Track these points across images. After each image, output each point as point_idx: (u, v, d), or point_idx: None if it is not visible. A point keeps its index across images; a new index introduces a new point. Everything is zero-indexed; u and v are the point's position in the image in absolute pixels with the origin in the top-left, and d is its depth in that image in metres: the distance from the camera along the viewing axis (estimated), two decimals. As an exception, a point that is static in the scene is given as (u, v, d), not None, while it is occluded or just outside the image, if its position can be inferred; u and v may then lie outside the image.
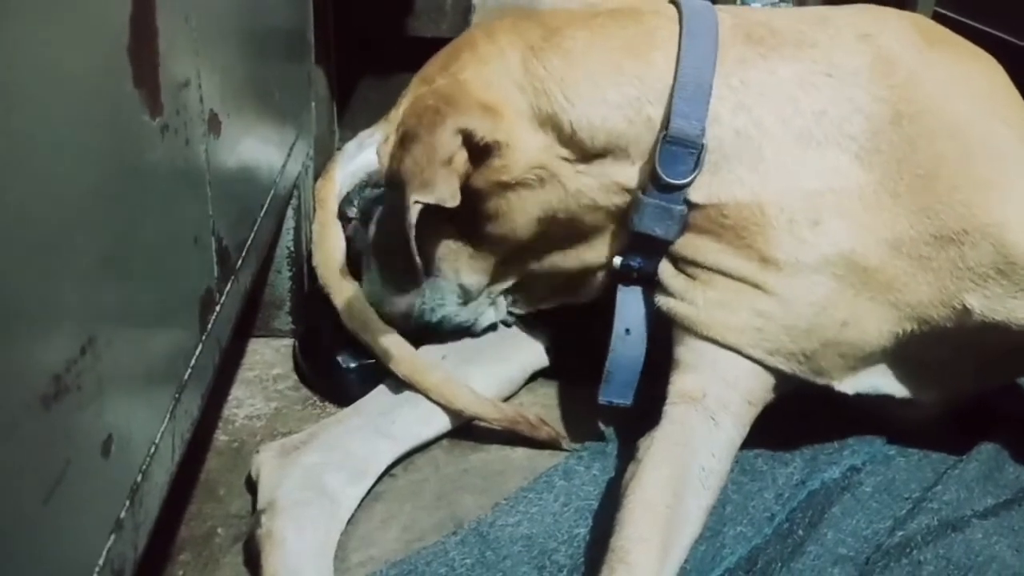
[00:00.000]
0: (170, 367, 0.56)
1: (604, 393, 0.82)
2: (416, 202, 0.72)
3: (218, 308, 0.64)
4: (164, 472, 0.54)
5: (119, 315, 0.46)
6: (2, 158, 0.35)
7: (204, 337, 0.61)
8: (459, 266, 0.85)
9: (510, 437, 0.87)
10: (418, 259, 0.74)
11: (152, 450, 0.52)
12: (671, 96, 0.74)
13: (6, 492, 0.36)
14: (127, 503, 0.48)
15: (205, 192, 0.60)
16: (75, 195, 0.42)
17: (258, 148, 0.77)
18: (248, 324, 1.01)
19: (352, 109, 1.39)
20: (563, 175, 0.77)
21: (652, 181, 0.75)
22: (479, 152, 0.75)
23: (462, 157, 0.74)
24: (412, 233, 0.72)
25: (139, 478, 0.50)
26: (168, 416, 0.54)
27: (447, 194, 0.72)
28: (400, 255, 0.76)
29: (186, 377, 0.58)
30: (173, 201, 0.54)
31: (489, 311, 0.91)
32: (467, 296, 0.88)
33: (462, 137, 0.73)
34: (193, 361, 0.59)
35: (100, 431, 0.44)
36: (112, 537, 0.46)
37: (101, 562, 0.45)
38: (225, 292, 0.66)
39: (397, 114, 0.82)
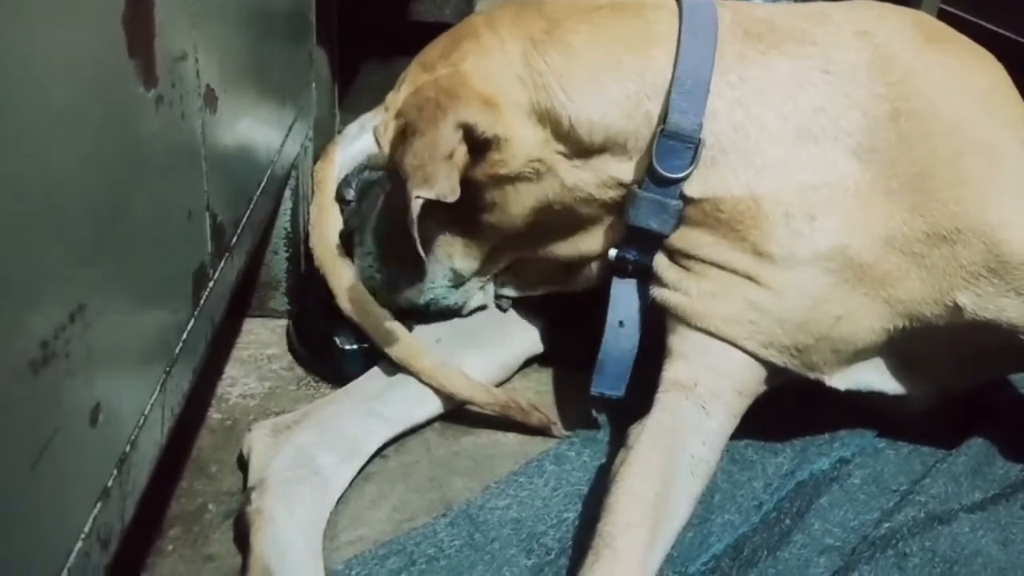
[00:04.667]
0: (161, 340, 0.56)
1: (596, 384, 0.82)
2: (418, 197, 0.72)
3: (211, 284, 0.64)
4: (153, 444, 0.54)
5: (110, 285, 0.46)
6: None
7: (196, 312, 0.62)
8: (453, 251, 0.85)
9: (502, 422, 0.87)
10: (423, 251, 0.74)
11: (141, 421, 0.52)
12: (669, 91, 0.73)
13: (-7, 453, 0.36)
14: (115, 472, 0.48)
15: (200, 167, 0.60)
16: (66, 162, 0.42)
17: (256, 126, 0.77)
18: (244, 304, 1.01)
19: (354, 92, 1.38)
20: (560, 170, 0.77)
21: (648, 175, 0.75)
22: (478, 145, 0.75)
23: (462, 151, 0.74)
24: (415, 228, 0.72)
25: (127, 448, 0.50)
26: (158, 389, 0.54)
27: (447, 189, 0.72)
28: (404, 245, 0.76)
29: (177, 351, 0.58)
30: (167, 173, 0.54)
31: (478, 294, 0.91)
32: (458, 280, 0.88)
33: (463, 131, 0.73)
34: (185, 336, 0.59)
35: (88, 400, 0.44)
36: (99, 505, 0.46)
37: (87, 529, 0.45)
38: (219, 268, 0.66)
39: (396, 99, 0.82)
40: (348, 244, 0.93)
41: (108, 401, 0.47)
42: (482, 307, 0.92)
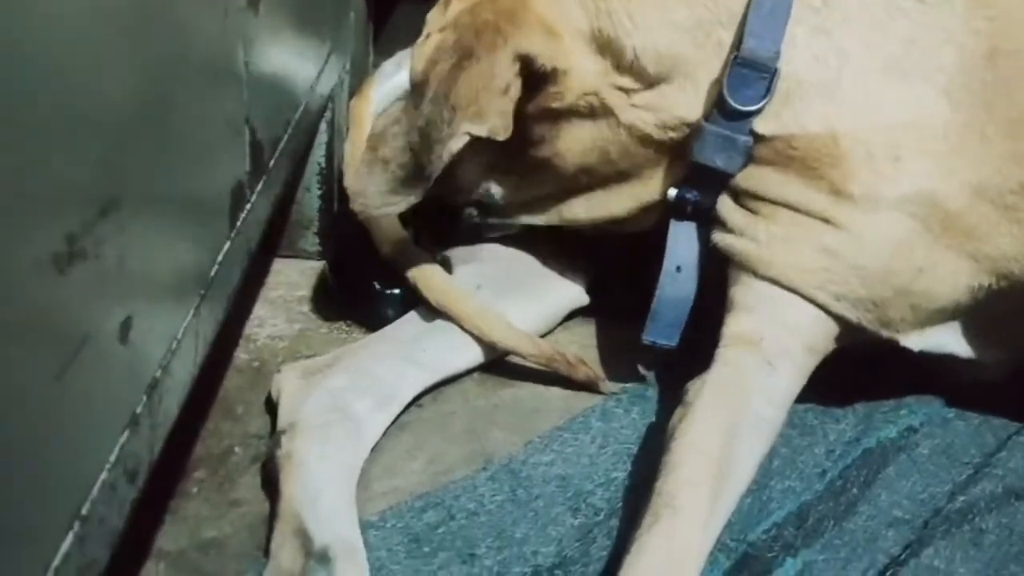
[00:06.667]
0: (197, 260, 0.51)
1: (649, 332, 0.76)
2: (466, 133, 0.66)
3: (248, 206, 0.60)
4: (185, 372, 0.50)
5: (144, 183, 0.41)
6: (31, 3, 0.30)
7: (233, 235, 0.57)
8: (489, 180, 0.80)
9: (545, 375, 0.82)
10: (431, 179, 0.69)
11: (174, 346, 0.47)
12: (745, 15, 0.68)
13: (19, 358, 0.31)
14: (144, 398, 0.44)
15: (240, 73, 0.55)
16: (105, 43, 0.37)
17: (295, 43, 0.72)
18: (273, 243, 0.96)
19: (387, 33, 1.33)
20: (617, 107, 0.72)
21: (718, 107, 0.69)
22: (534, 77, 0.69)
23: (518, 84, 0.69)
24: (446, 161, 0.67)
25: (158, 373, 0.45)
26: (192, 312, 0.50)
27: (500, 127, 0.67)
28: (415, 164, 0.70)
29: (213, 274, 0.53)
30: (206, 72, 0.49)
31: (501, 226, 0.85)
32: (491, 204, 0.82)
33: (521, 64, 0.68)
34: (220, 258, 0.54)
35: (119, 311, 0.40)
36: (127, 433, 0.42)
37: (114, 458, 0.41)
38: (256, 191, 0.61)
39: (441, 15, 0.75)
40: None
41: (140, 317, 0.42)
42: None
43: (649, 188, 0.77)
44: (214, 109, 0.51)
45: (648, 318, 0.76)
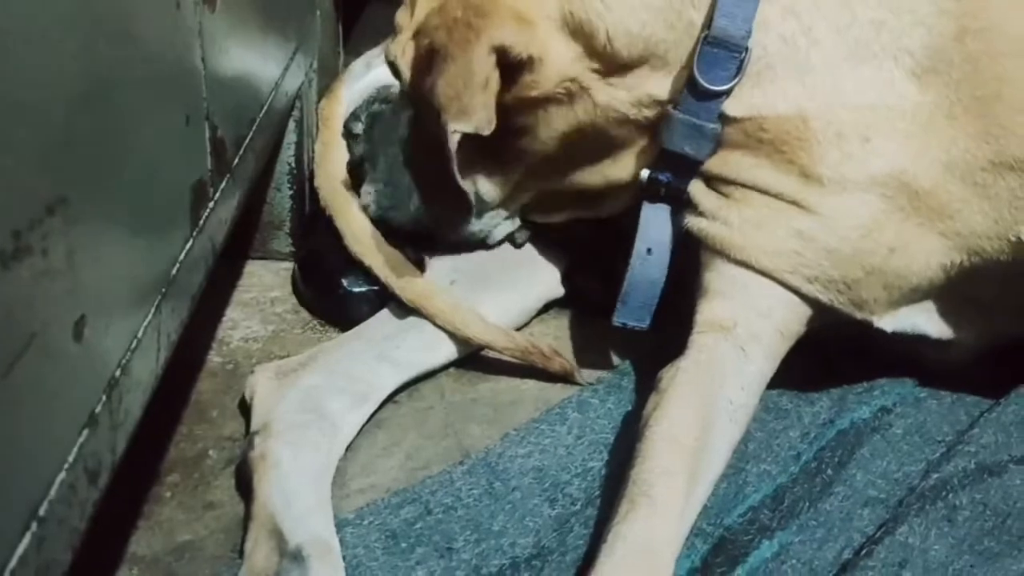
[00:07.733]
0: (156, 257, 0.50)
1: (619, 315, 0.76)
2: (455, 132, 0.66)
3: (212, 204, 0.59)
4: (148, 372, 0.49)
5: (94, 180, 0.41)
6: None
7: (196, 233, 0.56)
8: (475, 176, 0.79)
9: (520, 368, 0.82)
10: (463, 185, 0.70)
11: (133, 344, 0.46)
12: None
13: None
14: (103, 398, 0.43)
15: (198, 68, 0.54)
16: (45, 33, 0.36)
17: (256, 40, 0.71)
18: (245, 245, 0.95)
19: (358, 34, 1.32)
20: (593, 88, 0.71)
21: (688, 87, 0.69)
22: (510, 68, 0.69)
23: (495, 76, 0.68)
24: (454, 163, 0.68)
25: (117, 373, 0.45)
26: (153, 310, 0.49)
27: (485, 121, 0.67)
28: (441, 181, 0.71)
29: (175, 272, 0.52)
30: (158, 65, 0.48)
31: (504, 224, 0.85)
32: (481, 207, 0.82)
33: (496, 55, 0.67)
34: (183, 256, 0.54)
35: (71, 309, 0.39)
36: (85, 432, 0.41)
37: (72, 458, 0.40)
38: (220, 189, 0.61)
39: (409, 17, 0.75)
40: (355, 174, 0.87)
41: (95, 315, 0.41)
42: (510, 238, 0.86)
43: (623, 168, 0.76)
44: (169, 105, 0.51)
45: (619, 300, 0.76)
